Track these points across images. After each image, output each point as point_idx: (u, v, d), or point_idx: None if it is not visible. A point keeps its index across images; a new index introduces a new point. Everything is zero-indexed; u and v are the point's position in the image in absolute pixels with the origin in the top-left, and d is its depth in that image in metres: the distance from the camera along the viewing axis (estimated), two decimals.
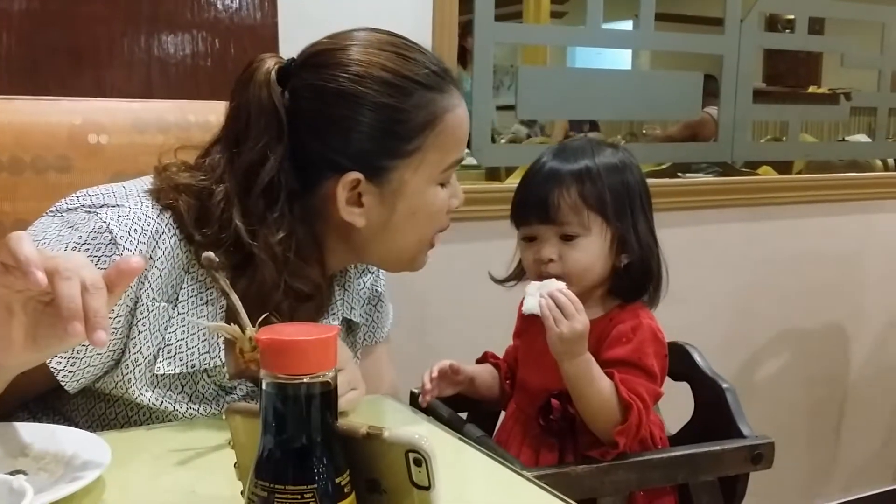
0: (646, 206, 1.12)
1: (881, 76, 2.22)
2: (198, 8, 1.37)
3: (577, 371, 1.02)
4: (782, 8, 2.39)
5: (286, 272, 0.85)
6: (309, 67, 0.88)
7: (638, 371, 1.05)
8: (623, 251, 1.09)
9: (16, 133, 1.07)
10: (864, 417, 2.33)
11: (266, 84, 0.86)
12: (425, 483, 0.50)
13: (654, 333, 1.08)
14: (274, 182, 0.85)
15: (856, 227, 2.21)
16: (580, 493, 0.98)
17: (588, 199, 1.07)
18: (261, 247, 0.84)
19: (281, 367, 0.48)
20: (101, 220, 0.82)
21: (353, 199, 0.87)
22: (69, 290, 0.61)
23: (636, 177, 1.12)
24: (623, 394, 1.01)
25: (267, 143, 0.85)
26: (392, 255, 0.94)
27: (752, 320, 2.10)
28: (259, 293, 0.84)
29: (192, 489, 0.69)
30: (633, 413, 1.01)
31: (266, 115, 0.85)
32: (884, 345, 2.32)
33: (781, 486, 2.15)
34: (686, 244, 1.97)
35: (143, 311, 0.83)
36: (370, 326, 1.06)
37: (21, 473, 0.67)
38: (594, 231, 1.08)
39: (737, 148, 2.05)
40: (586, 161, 1.09)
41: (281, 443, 0.48)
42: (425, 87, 0.87)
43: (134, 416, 0.88)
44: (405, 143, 0.87)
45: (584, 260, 1.08)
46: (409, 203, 0.89)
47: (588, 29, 1.84)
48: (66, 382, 0.82)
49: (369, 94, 0.85)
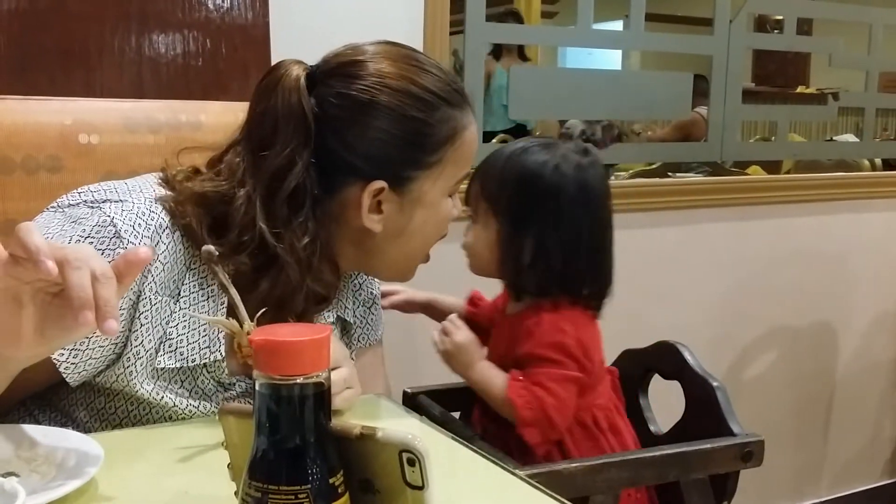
0: (562, 215, 1.09)
1: (869, 76, 2.24)
2: (189, 7, 1.37)
3: (476, 379, 1.11)
4: (771, 8, 2.40)
5: (309, 276, 0.87)
6: (339, 76, 0.89)
7: (540, 362, 1.08)
8: (509, 247, 1.10)
9: (6, 133, 1.06)
10: (852, 415, 2.35)
11: (296, 90, 0.87)
12: (419, 483, 0.50)
13: (556, 326, 1.09)
14: (299, 187, 0.86)
15: (844, 226, 2.22)
16: (573, 491, 0.98)
17: (486, 190, 1.12)
18: (287, 250, 0.85)
19: (274, 367, 0.48)
20: (104, 214, 0.83)
21: (373, 207, 0.90)
22: (80, 280, 0.61)
23: (554, 184, 1.09)
24: (508, 391, 1.07)
25: (294, 148, 0.86)
26: (397, 263, 0.97)
27: (741, 319, 2.11)
28: (282, 295, 0.86)
29: (185, 490, 0.69)
30: (519, 407, 1.05)
31: (294, 119, 0.87)
32: (871, 343, 2.33)
33: (771, 484, 2.16)
34: (676, 244, 1.98)
35: (146, 304, 0.83)
36: (365, 328, 1.07)
37: (13, 475, 0.66)
38: (481, 220, 1.13)
39: (726, 148, 2.06)
40: (510, 154, 1.13)
41: (274, 443, 0.49)
42: (449, 103, 0.91)
43: (134, 410, 0.88)
44: (429, 156, 0.91)
45: (473, 244, 1.14)
46: (424, 212, 0.93)
47: (578, 29, 1.85)
48: (68, 374, 0.82)
49: (398, 105, 0.88)
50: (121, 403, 0.88)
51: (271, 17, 1.42)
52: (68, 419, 0.89)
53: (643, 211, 1.90)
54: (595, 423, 1.13)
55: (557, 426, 1.07)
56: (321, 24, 1.49)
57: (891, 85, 2.38)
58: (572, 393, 1.08)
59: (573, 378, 1.08)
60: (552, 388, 1.06)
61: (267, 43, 1.41)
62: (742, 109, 2.08)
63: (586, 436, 1.12)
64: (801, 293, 2.18)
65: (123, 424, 0.88)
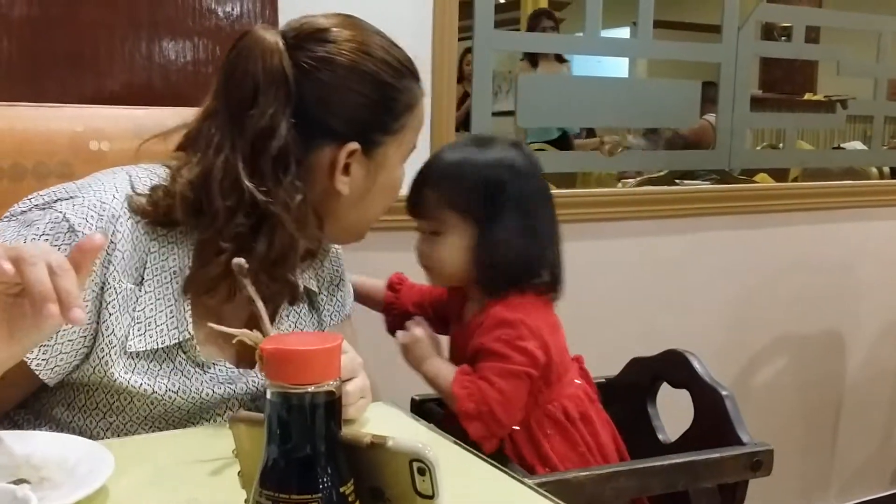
0: (523, 205, 1.11)
1: (877, 84, 2.23)
2: (199, 15, 1.37)
3: (426, 373, 1.11)
4: (779, 16, 2.40)
5: (303, 233, 0.89)
6: (318, 41, 0.91)
7: (487, 356, 1.08)
8: (492, 248, 1.10)
9: (17, 140, 1.07)
10: (860, 423, 2.34)
11: (277, 52, 0.89)
12: (429, 492, 0.50)
13: (500, 318, 1.09)
14: (284, 147, 0.88)
15: (852, 234, 2.22)
16: (582, 500, 0.98)
17: (446, 198, 1.10)
18: (282, 209, 0.87)
19: (285, 376, 0.48)
20: (56, 211, 0.84)
21: (343, 169, 0.92)
22: (37, 275, 0.62)
23: (513, 175, 1.11)
24: (452, 384, 1.06)
25: (277, 108, 0.88)
26: (354, 226, 1.00)
27: (749, 327, 2.11)
28: (280, 253, 0.88)
29: (196, 498, 0.69)
30: (461, 398, 1.05)
31: (276, 81, 0.88)
32: (879, 350, 2.33)
33: (779, 492, 2.15)
34: (682, 251, 1.98)
35: (111, 293, 0.84)
36: (336, 306, 1.08)
37: (24, 482, 0.67)
38: (451, 229, 1.11)
39: (734, 155, 2.06)
40: (459, 157, 1.13)
41: (285, 452, 0.48)
42: (410, 73, 0.96)
43: (115, 402, 0.88)
44: (395, 121, 0.95)
45: (445, 256, 1.12)
46: (385, 177, 0.96)
47: (586, 36, 1.85)
48: (41, 371, 0.83)
49: (375, 70, 0.92)
50: (101, 397, 0.88)
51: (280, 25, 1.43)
52: (51, 421, 0.89)
53: (651, 219, 1.90)
54: (566, 415, 1.12)
55: (502, 421, 1.05)
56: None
57: None
58: (519, 388, 1.06)
59: (520, 372, 1.06)
60: (496, 383, 1.05)
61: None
62: (750, 117, 2.08)
63: (558, 429, 1.11)
64: (808, 301, 2.18)
65: (107, 417, 0.88)
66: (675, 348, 1.27)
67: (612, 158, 2.41)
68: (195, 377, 0.90)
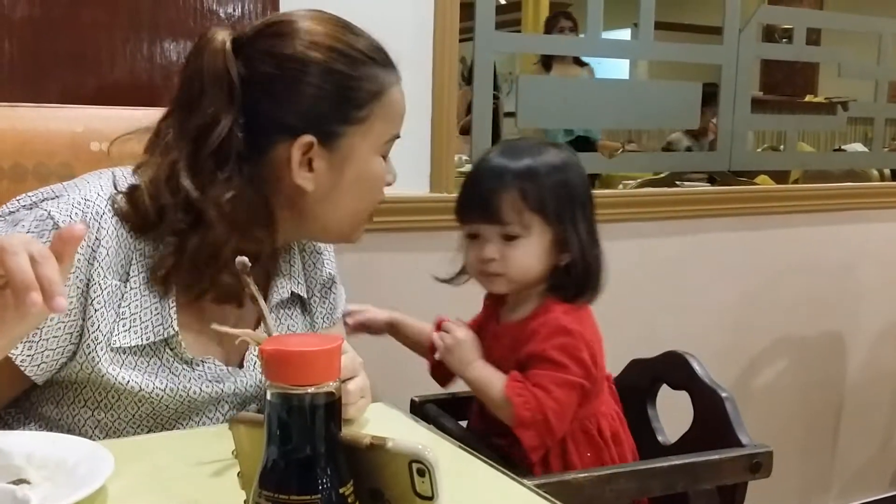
0: (587, 206, 1.12)
1: (878, 86, 2.24)
2: (200, 16, 1.38)
3: (472, 377, 1.09)
4: (780, 18, 2.40)
5: (237, 231, 0.88)
6: (263, 36, 0.91)
7: (543, 363, 1.06)
8: (564, 250, 1.10)
9: (18, 140, 1.07)
10: (860, 425, 2.34)
11: (221, 51, 0.89)
12: (429, 493, 0.50)
13: (563, 326, 1.08)
14: (224, 143, 0.87)
15: (852, 235, 2.21)
16: (581, 501, 0.98)
17: (529, 200, 1.08)
18: (210, 204, 0.86)
19: (285, 377, 0.48)
20: (42, 210, 0.85)
21: (304, 163, 0.91)
22: (18, 264, 0.62)
23: (577, 177, 1.12)
24: (506, 390, 1.05)
25: (219, 107, 0.88)
26: (334, 224, 0.97)
27: (749, 329, 2.11)
28: (210, 252, 0.87)
29: (195, 499, 0.69)
30: (517, 406, 1.03)
31: (219, 81, 0.88)
32: (880, 353, 2.32)
33: (779, 494, 2.15)
34: (683, 253, 1.98)
35: (97, 289, 0.85)
36: (328, 308, 1.07)
37: (24, 483, 0.67)
38: (534, 232, 1.09)
39: (735, 157, 2.06)
40: (529, 161, 1.10)
41: (285, 453, 0.48)
42: (372, 59, 0.92)
43: (103, 399, 0.88)
44: (356, 111, 0.91)
45: (524, 260, 1.09)
46: (356, 170, 0.93)
47: (588, 38, 1.85)
48: (27, 368, 0.83)
49: (323, 59, 0.89)
50: (90, 394, 0.88)
51: None
52: (41, 420, 0.90)
53: (651, 220, 1.90)
54: (599, 432, 1.12)
55: (555, 430, 1.05)
56: None
57: None
58: (573, 399, 1.06)
59: (576, 384, 1.06)
60: (553, 392, 1.04)
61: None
62: (751, 119, 2.08)
63: (589, 444, 1.11)
64: (809, 303, 2.18)
65: (95, 414, 0.88)
66: (674, 350, 1.27)
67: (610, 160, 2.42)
68: (183, 374, 0.90)
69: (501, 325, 1.15)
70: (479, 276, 1.13)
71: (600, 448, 1.12)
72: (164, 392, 0.89)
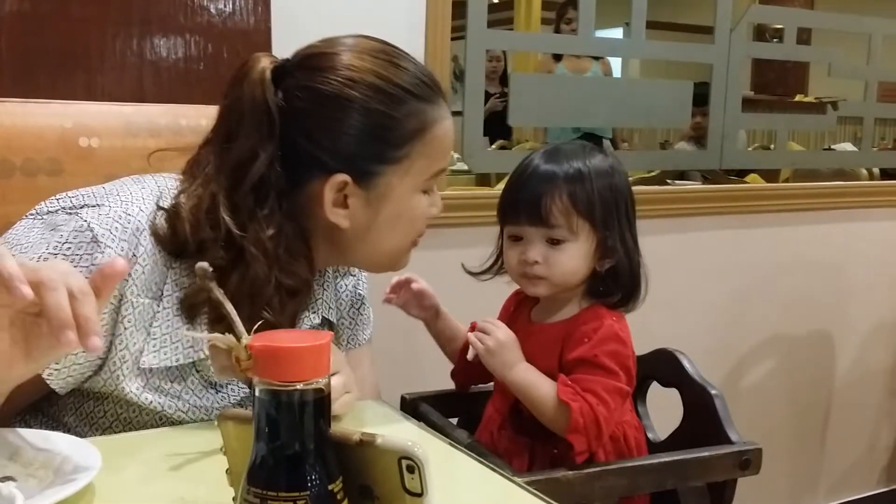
0: (630, 212, 1.13)
1: (867, 86, 2.25)
2: (190, 11, 1.37)
3: (517, 379, 1.06)
4: (771, 18, 2.41)
5: (276, 268, 0.87)
6: (304, 69, 0.89)
7: (594, 369, 1.05)
8: (606, 256, 1.10)
9: (6, 136, 1.06)
10: (849, 423, 2.35)
11: (261, 82, 0.87)
12: (418, 490, 0.50)
13: (616, 333, 1.08)
14: (264, 179, 0.86)
15: (842, 234, 2.23)
16: (571, 498, 0.99)
17: (579, 204, 1.07)
18: (251, 242, 0.85)
19: (274, 373, 0.48)
20: (82, 219, 0.83)
21: (339, 201, 0.89)
22: (56, 300, 0.61)
23: (623, 182, 1.12)
24: (560, 394, 1.03)
25: (258, 140, 0.86)
26: (373, 258, 0.95)
27: (739, 327, 2.12)
28: (251, 289, 0.85)
29: (183, 496, 0.68)
30: (574, 411, 1.02)
31: (258, 112, 0.87)
32: (869, 351, 2.34)
33: (768, 492, 2.16)
34: (674, 251, 1.98)
35: (128, 307, 0.83)
36: (353, 329, 1.07)
37: (10, 480, 0.66)
38: (581, 236, 1.08)
39: (726, 156, 2.06)
40: (579, 165, 1.09)
41: (274, 450, 0.48)
42: (415, 96, 0.89)
43: (123, 413, 0.87)
44: (394, 150, 0.89)
45: (569, 264, 1.09)
46: (394, 208, 0.91)
47: (580, 36, 1.85)
48: (52, 381, 0.82)
49: (362, 98, 0.87)
50: (109, 407, 0.87)
51: (273, 22, 1.43)
52: (59, 424, 0.89)
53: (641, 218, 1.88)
54: (625, 440, 1.12)
55: (603, 436, 1.05)
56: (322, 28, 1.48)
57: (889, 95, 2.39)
58: (620, 406, 1.06)
59: (624, 392, 1.06)
60: (605, 398, 1.03)
61: (268, 47, 1.42)
62: (742, 118, 2.09)
63: (616, 451, 1.11)
64: (798, 301, 2.19)
65: (113, 428, 0.88)
66: (665, 347, 1.28)
67: None
68: (206, 397, 0.90)
69: (536, 325, 1.14)
70: (520, 277, 1.12)
71: (624, 454, 1.12)
72: (186, 414, 0.88)
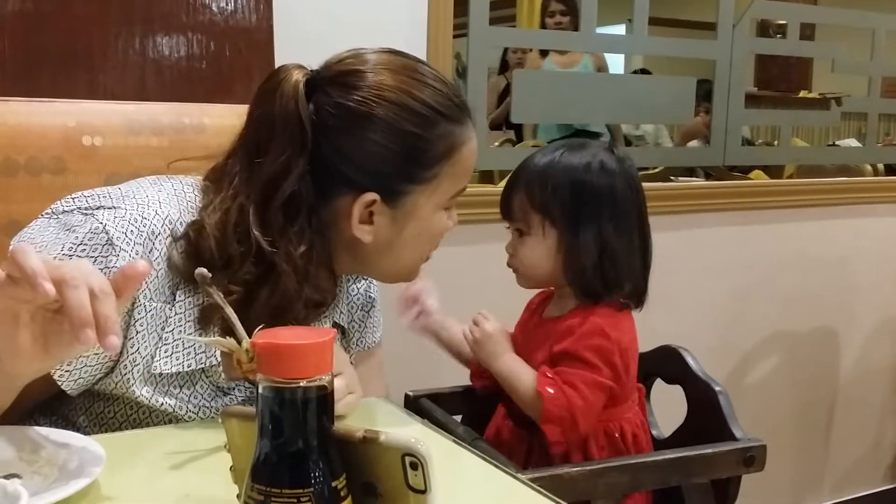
0: (613, 210, 1.11)
1: (871, 82, 2.24)
2: (192, 10, 1.37)
3: (502, 369, 1.11)
4: (774, 13, 2.40)
5: (306, 283, 0.87)
6: (338, 86, 0.88)
7: (575, 361, 1.07)
8: (573, 251, 1.10)
9: (10, 135, 1.06)
10: (854, 419, 2.34)
11: (294, 96, 0.86)
12: (421, 487, 0.50)
13: (601, 328, 1.09)
14: (294, 195, 0.85)
15: (846, 231, 2.22)
16: (574, 495, 0.98)
17: (533, 200, 1.11)
18: (283, 258, 0.85)
19: (277, 371, 0.48)
20: (97, 221, 0.82)
21: (364, 218, 0.89)
22: (78, 298, 0.62)
23: (603, 182, 1.10)
24: (537, 385, 1.06)
25: (290, 155, 0.85)
26: (392, 271, 0.97)
27: (743, 323, 2.11)
28: (280, 303, 0.85)
29: (187, 493, 0.69)
30: (546, 400, 1.05)
31: (291, 127, 0.85)
32: (873, 348, 2.33)
33: (772, 488, 2.16)
34: (678, 248, 1.98)
35: (141, 311, 0.83)
36: (363, 332, 1.07)
37: (15, 477, 0.66)
38: (536, 231, 1.12)
39: (729, 152, 2.06)
40: (548, 160, 1.12)
41: (277, 447, 0.48)
42: (447, 118, 0.89)
43: (133, 414, 0.88)
44: (424, 171, 0.89)
45: (530, 257, 1.13)
46: (417, 226, 0.92)
47: (582, 33, 1.85)
48: (63, 383, 0.82)
49: (397, 120, 0.87)
50: (120, 408, 0.88)
51: (275, 20, 1.43)
52: (70, 424, 0.89)
53: None
54: (621, 436, 1.13)
55: (580, 428, 1.07)
56: (324, 26, 1.50)
57: (893, 90, 2.38)
58: (600, 399, 1.08)
59: (605, 385, 1.07)
60: (582, 391, 1.06)
61: (270, 46, 1.42)
62: (745, 114, 2.08)
63: (610, 445, 1.12)
64: (803, 298, 2.18)
65: (122, 429, 0.88)
66: (668, 344, 1.28)
67: None
68: (215, 399, 0.90)
69: (541, 320, 1.18)
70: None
71: (620, 450, 1.13)
72: (197, 416, 0.89)
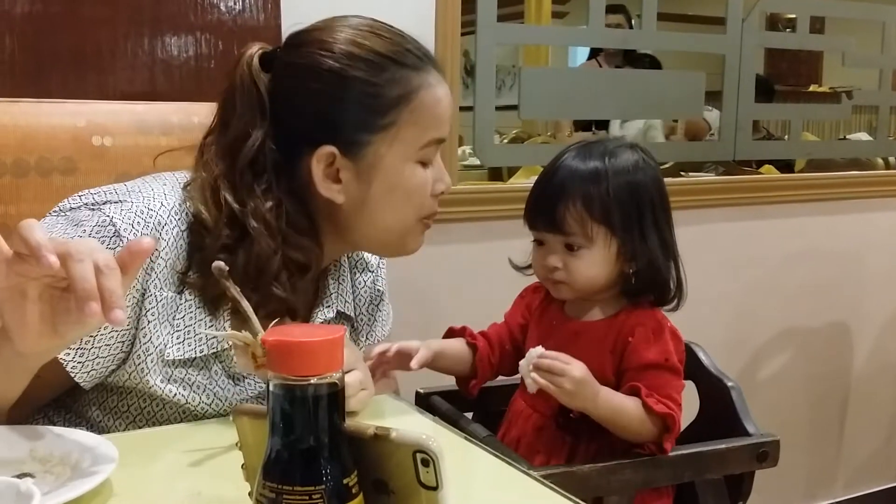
0: (658, 210, 1.09)
1: (882, 75, 2.22)
2: (201, 10, 1.37)
3: (603, 409, 1.03)
4: (783, 7, 2.39)
5: (281, 240, 0.88)
6: (288, 48, 0.92)
7: (667, 372, 1.05)
8: (630, 258, 1.07)
9: (20, 135, 1.07)
10: (866, 415, 2.33)
11: (248, 65, 0.90)
12: (433, 483, 0.50)
13: (674, 332, 1.08)
14: (258, 156, 0.88)
15: (857, 225, 2.21)
16: (587, 491, 0.98)
17: (593, 211, 1.05)
18: (251, 215, 0.86)
19: (288, 368, 0.48)
20: (104, 214, 0.84)
21: (330, 175, 0.90)
22: (83, 272, 0.62)
23: (649, 180, 1.09)
24: (656, 409, 1.01)
25: (249, 120, 0.89)
26: (377, 236, 0.94)
27: (755, 319, 2.10)
28: (258, 263, 0.86)
29: (199, 491, 0.69)
30: (676, 424, 1.03)
31: (249, 95, 0.90)
32: (886, 342, 2.32)
33: (785, 484, 2.15)
34: (689, 243, 1.95)
35: (152, 301, 0.84)
36: (371, 326, 1.06)
37: (28, 476, 0.67)
38: (598, 243, 1.06)
39: (739, 147, 2.05)
40: (596, 164, 1.07)
41: (289, 444, 0.48)
42: (398, 63, 0.89)
43: (147, 407, 0.88)
44: (378, 118, 0.88)
45: (587, 271, 1.07)
46: (386, 179, 0.90)
47: (590, 29, 1.84)
48: (76, 374, 0.83)
49: (343, 69, 0.88)
50: (133, 401, 0.88)
51: (283, 19, 1.43)
52: (82, 419, 0.90)
53: None
54: None
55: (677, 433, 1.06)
56: None
57: None
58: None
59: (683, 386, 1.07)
60: (678, 400, 1.04)
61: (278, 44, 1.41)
62: (755, 108, 2.07)
63: None
64: (814, 293, 2.17)
65: (137, 422, 0.88)
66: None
67: None
68: (227, 389, 0.90)
69: (575, 321, 1.12)
70: (545, 281, 1.12)
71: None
72: (209, 406, 0.89)
